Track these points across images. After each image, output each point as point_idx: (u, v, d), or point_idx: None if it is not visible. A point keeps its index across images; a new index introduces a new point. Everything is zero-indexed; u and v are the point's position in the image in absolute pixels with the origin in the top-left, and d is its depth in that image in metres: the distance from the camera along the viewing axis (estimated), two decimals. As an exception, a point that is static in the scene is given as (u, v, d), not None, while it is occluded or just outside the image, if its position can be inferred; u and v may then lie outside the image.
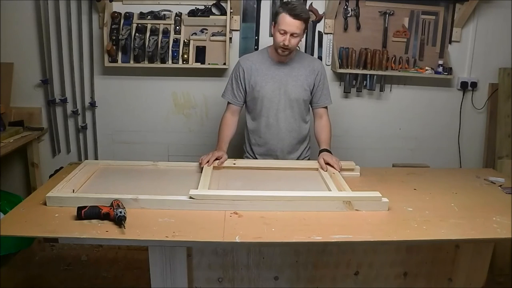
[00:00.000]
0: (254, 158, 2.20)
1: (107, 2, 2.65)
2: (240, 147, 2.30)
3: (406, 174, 2.01)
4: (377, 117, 3.06)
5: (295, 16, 1.88)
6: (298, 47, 2.79)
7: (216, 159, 1.91)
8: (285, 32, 1.92)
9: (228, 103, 2.16)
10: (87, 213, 1.38)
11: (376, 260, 1.67)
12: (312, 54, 2.89)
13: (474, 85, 3.01)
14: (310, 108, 2.21)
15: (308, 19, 1.98)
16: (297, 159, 2.20)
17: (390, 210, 1.53)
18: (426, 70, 2.89)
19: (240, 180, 1.79)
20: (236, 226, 1.38)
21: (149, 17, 2.72)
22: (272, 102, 2.08)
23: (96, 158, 2.98)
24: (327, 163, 1.90)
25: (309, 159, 2.24)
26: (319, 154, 2.01)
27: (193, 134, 3.01)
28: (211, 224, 1.39)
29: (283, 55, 2.00)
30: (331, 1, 2.74)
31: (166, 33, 2.71)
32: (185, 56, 2.73)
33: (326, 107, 2.17)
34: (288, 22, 1.89)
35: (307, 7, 2.81)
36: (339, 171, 1.85)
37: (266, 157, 2.16)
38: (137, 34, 2.66)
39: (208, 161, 1.88)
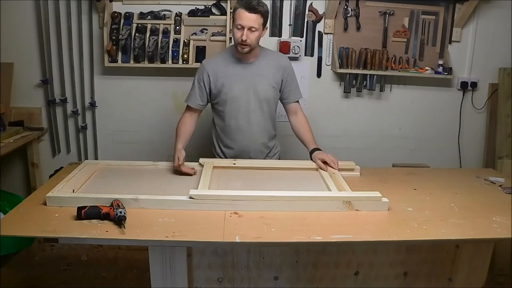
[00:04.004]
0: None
1: (107, 2, 2.65)
2: (208, 148, 2.26)
3: (406, 174, 2.01)
4: (377, 117, 3.06)
5: (251, 9, 1.82)
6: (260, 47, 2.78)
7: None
8: (242, 27, 1.84)
9: (189, 105, 2.08)
10: (87, 213, 1.38)
11: (376, 260, 1.67)
12: (312, 54, 2.90)
13: (474, 85, 3.01)
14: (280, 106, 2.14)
15: (267, 12, 1.89)
16: (267, 157, 2.15)
17: (390, 210, 1.53)
18: (426, 70, 2.89)
19: (240, 180, 1.79)
20: (236, 226, 1.38)
21: (149, 17, 2.72)
22: (241, 103, 2.02)
23: (96, 158, 2.98)
24: (324, 162, 1.90)
25: (279, 157, 2.21)
26: (310, 154, 1.99)
27: (193, 134, 2.99)
28: (211, 224, 1.39)
29: (242, 52, 1.91)
30: (331, 1, 2.74)
31: (166, 33, 2.71)
32: (185, 56, 2.73)
33: (298, 102, 2.12)
34: (244, 17, 1.83)
35: (307, 7, 2.82)
36: (337, 169, 1.85)
37: (238, 158, 2.09)
38: (137, 34, 2.66)
39: (181, 168, 1.84)
